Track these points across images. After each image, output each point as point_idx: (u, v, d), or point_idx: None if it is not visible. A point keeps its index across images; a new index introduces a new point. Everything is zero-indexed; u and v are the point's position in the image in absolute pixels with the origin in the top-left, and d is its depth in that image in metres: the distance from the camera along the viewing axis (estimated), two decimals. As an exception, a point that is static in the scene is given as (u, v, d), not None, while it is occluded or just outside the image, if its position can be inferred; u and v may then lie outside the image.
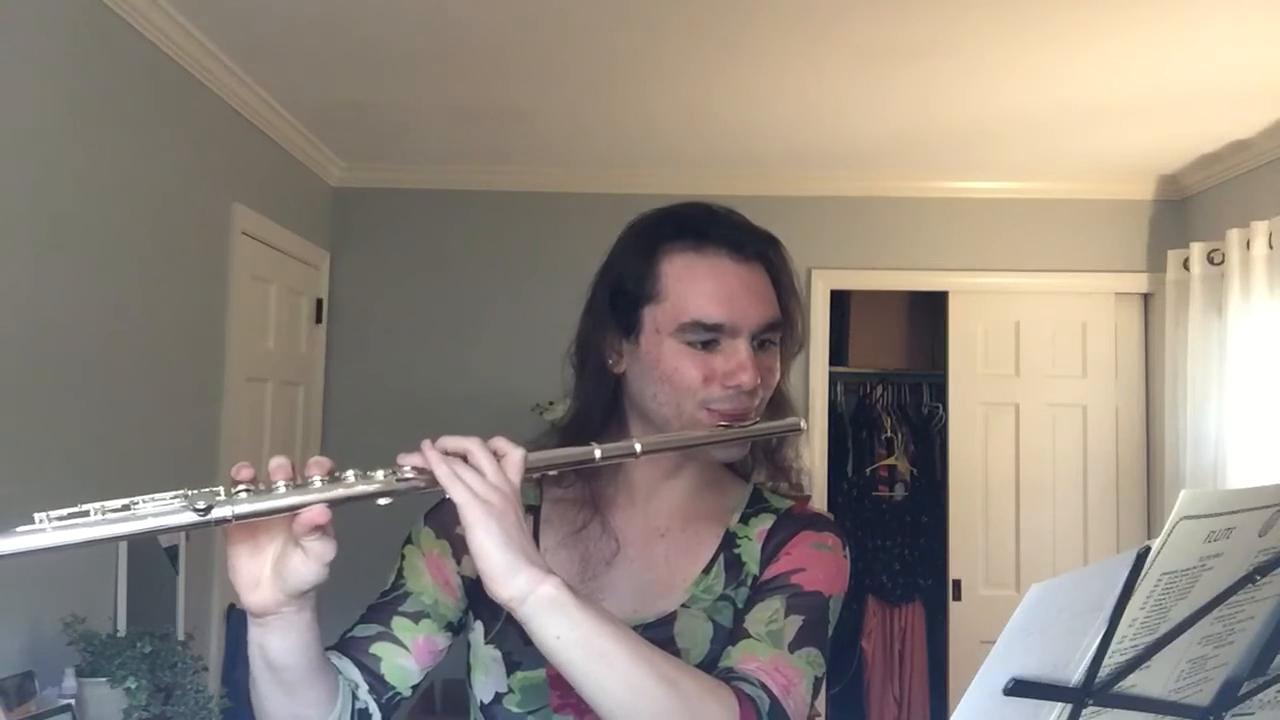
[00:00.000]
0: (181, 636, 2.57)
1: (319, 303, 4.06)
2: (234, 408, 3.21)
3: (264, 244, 3.46)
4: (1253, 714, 0.93)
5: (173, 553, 2.80)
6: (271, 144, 3.52)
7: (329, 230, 4.15)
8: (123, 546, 2.50)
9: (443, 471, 0.90)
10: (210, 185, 3.08)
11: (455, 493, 0.90)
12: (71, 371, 2.34)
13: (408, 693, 1.11)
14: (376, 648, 1.10)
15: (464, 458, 0.93)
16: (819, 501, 4.08)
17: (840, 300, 4.43)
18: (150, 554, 2.68)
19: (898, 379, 4.71)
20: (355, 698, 1.06)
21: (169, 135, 2.81)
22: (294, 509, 0.87)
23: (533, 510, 1.19)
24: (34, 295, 2.20)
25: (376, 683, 1.08)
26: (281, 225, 3.60)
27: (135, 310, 2.63)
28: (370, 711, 1.07)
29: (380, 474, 0.91)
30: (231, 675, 3.06)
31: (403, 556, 1.17)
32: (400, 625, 1.11)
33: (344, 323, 4.16)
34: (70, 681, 2.08)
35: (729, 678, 0.99)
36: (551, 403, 3.52)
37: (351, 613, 1.16)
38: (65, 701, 2.04)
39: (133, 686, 2.07)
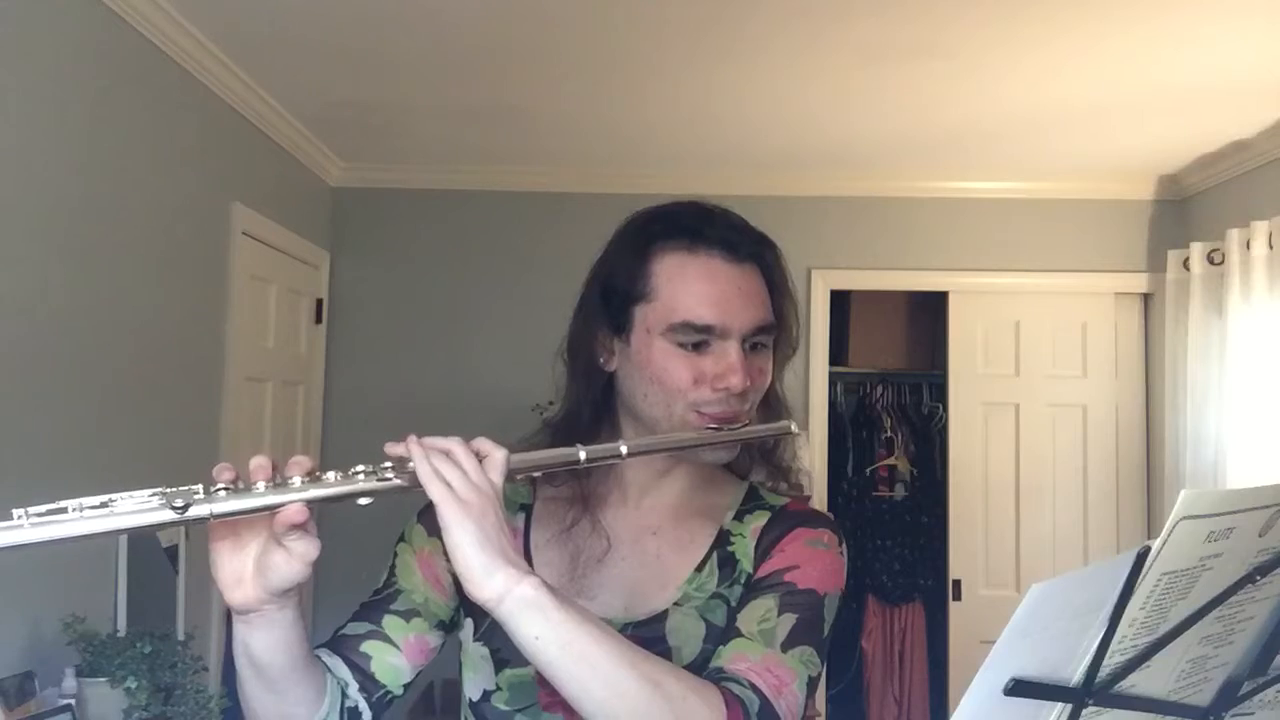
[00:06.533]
0: (181, 636, 2.56)
1: (319, 303, 4.06)
2: (234, 408, 3.21)
3: (264, 244, 3.46)
4: (1253, 714, 0.93)
5: (172, 553, 2.80)
6: (271, 144, 3.52)
7: (329, 230, 4.15)
8: (123, 546, 2.50)
9: (424, 470, 0.90)
10: (210, 185, 3.08)
11: (434, 491, 0.89)
12: (71, 371, 2.34)
13: (399, 691, 1.10)
14: (367, 646, 1.09)
15: (446, 456, 0.92)
16: (819, 502, 4.07)
17: (840, 300, 4.43)
18: (150, 554, 2.68)
19: (898, 379, 4.71)
20: (345, 696, 1.06)
21: (169, 135, 2.81)
22: (272, 508, 0.87)
23: (525, 508, 1.18)
24: (34, 295, 2.20)
25: (367, 681, 1.08)
26: (281, 225, 3.60)
27: (135, 310, 2.63)
28: (360, 710, 1.07)
29: (361, 474, 0.90)
30: (231, 675, 3.05)
31: (395, 554, 1.16)
32: (391, 623, 1.11)
33: (344, 323, 4.16)
34: (70, 681, 2.08)
35: (718, 678, 0.98)
36: (551, 402, 3.47)
37: (346, 610, 1.16)
38: (65, 701, 2.04)
39: (133, 686, 2.07)
